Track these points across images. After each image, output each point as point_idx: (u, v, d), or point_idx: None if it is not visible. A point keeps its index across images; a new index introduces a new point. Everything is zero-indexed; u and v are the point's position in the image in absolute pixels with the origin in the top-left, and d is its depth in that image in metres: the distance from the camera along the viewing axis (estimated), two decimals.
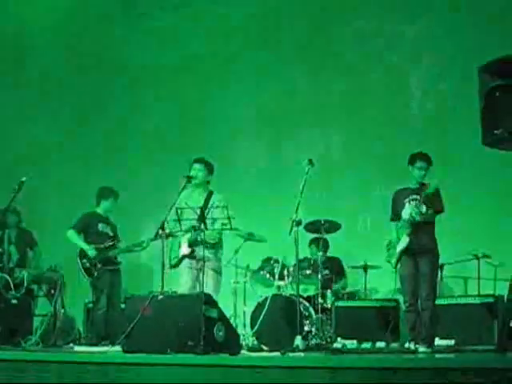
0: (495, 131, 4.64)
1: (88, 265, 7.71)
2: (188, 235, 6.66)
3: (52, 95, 10.34)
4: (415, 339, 6.47)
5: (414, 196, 6.59)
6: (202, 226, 6.34)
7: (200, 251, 6.45)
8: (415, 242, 6.55)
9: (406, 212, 6.56)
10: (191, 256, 6.73)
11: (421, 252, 6.56)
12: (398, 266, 6.69)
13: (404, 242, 6.55)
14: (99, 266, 7.69)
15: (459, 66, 8.06)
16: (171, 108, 9.87)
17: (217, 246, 6.79)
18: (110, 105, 10.12)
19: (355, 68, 8.96)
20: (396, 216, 6.72)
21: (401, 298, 7.03)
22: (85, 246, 7.76)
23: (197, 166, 6.90)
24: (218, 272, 6.78)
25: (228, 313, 6.33)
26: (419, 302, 6.54)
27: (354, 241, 8.54)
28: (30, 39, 10.38)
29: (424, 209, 6.54)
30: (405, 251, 6.60)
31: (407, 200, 6.63)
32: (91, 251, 7.72)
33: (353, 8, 8.98)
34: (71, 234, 7.89)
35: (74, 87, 10.17)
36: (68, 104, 10.29)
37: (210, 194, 6.87)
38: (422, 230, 6.57)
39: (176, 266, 6.80)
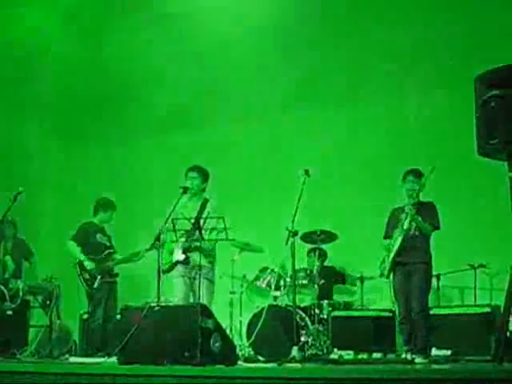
0: (490, 141, 4.64)
1: (88, 276, 7.71)
2: (182, 242, 6.65)
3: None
4: (412, 350, 6.47)
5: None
6: (198, 234, 6.33)
7: (194, 258, 6.46)
8: (409, 255, 6.57)
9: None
10: (184, 262, 6.72)
11: (414, 265, 6.57)
12: (391, 277, 6.71)
13: (397, 243, 6.56)
14: (98, 277, 7.68)
15: (457, 74, 8.05)
16: (168, 115, 9.83)
17: (211, 255, 6.76)
18: (110, 114, 10.06)
19: (351, 77, 8.95)
20: (389, 234, 6.74)
21: (397, 309, 7.03)
22: (83, 258, 7.75)
23: (192, 174, 6.90)
24: (211, 281, 6.76)
25: (224, 323, 6.29)
26: (412, 314, 6.55)
27: (351, 251, 8.52)
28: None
29: (420, 218, 6.56)
30: (398, 263, 6.62)
31: (403, 215, 6.65)
32: (89, 263, 7.71)
33: (348, 16, 8.94)
34: (72, 246, 7.88)
35: (72, 95, 10.12)
36: (67, 113, 10.26)
37: (206, 201, 6.86)
38: (417, 243, 6.58)
39: (167, 271, 6.75)
